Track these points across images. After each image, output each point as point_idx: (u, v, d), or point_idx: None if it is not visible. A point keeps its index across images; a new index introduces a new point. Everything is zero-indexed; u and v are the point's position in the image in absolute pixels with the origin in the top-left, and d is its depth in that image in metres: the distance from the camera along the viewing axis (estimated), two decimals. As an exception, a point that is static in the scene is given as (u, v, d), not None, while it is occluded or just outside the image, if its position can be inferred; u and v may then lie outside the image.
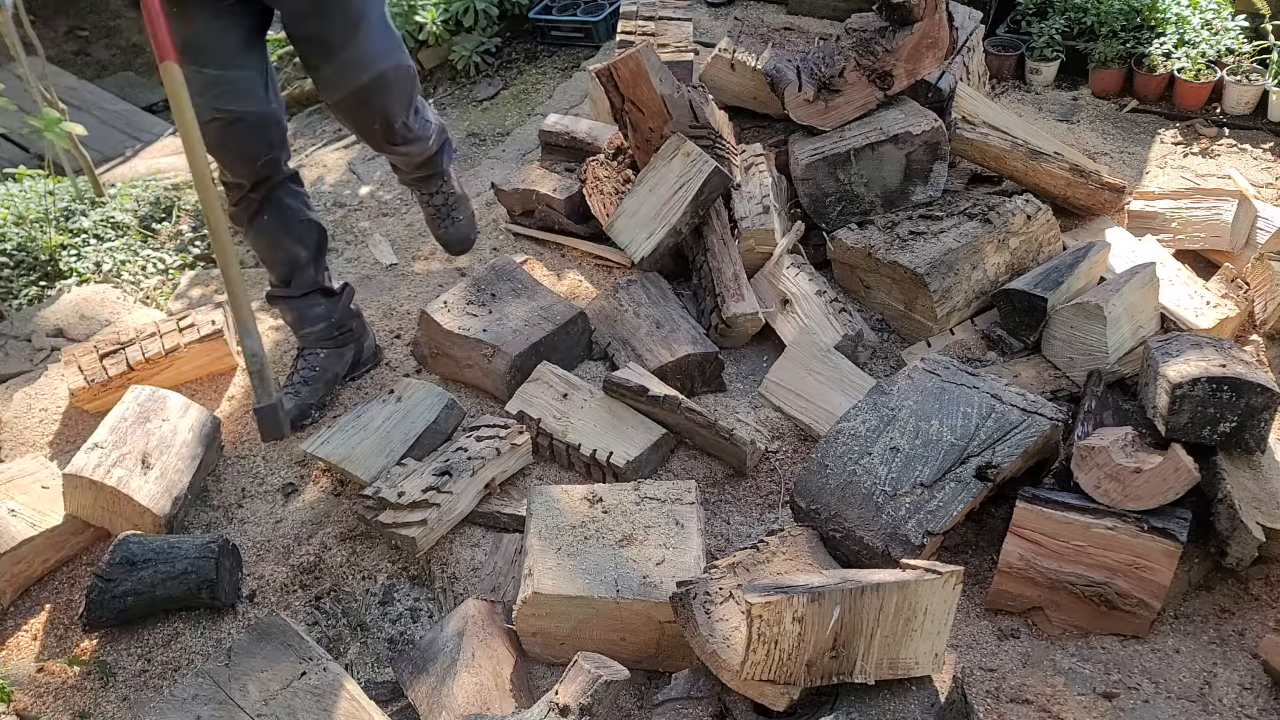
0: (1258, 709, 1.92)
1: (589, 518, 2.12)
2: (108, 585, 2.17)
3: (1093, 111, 3.67)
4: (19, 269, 3.53)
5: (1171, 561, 1.97)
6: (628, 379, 2.50)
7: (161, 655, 2.21)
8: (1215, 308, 2.65)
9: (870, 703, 1.69)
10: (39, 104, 3.61)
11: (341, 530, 2.44)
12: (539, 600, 1.98)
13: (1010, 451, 2.08)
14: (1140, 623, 2.04)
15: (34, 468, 2.55)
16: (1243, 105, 3.52)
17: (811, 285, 2.81)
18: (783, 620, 1.60)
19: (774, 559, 1.96)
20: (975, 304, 2.79)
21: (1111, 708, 1.93)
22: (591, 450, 2.43)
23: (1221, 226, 2.84)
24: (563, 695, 1.72)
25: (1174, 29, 3.62)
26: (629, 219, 2.96)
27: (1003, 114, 3.15)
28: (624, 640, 2.01)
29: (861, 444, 2.16)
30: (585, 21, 4.66)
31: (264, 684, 1.93)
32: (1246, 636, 2.05)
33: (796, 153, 3.01)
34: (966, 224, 2.80)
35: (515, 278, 2.91)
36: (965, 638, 2.09)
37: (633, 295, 2.87)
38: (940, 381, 2.24)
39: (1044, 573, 2.05)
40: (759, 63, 3.11)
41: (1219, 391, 2.07)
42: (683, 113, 2.97)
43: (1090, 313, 2.41)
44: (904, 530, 2.01)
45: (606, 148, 3.23)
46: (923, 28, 2.92)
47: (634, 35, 3.49)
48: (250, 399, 2.88)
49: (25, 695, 2.16)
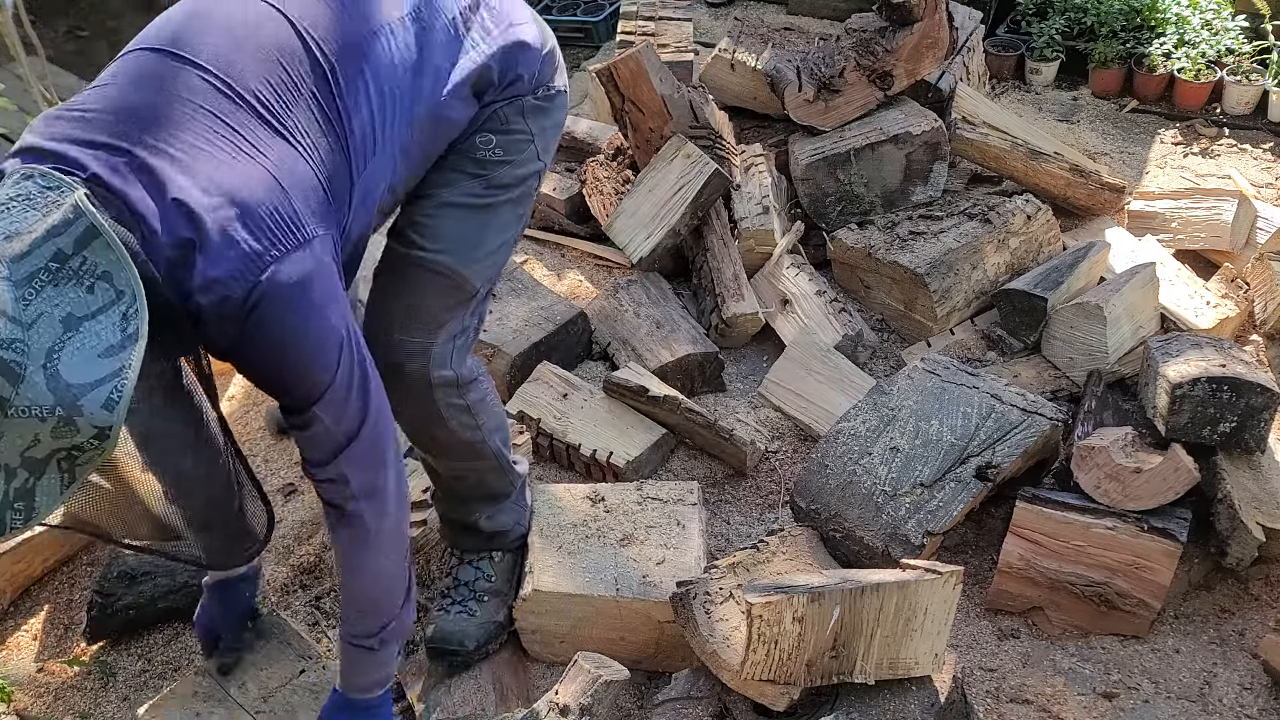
0: (1258, 709, 1.92)
1: (591, 517, 2.12)
2: (108, 601, 2.16)
3: (1093, 111, 3.67)
4: (19, 269, 3.52)
5: (1171, 561, 1.97)
6: (628, 379, 2.50)
7: (161, 655, 2.21)
8: (1215, 308, 2.65)
9: (870, 703, 1.69)
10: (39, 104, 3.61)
11: (341, 530, 2.44)
12: (539, 598, 1.98)
13: (1010, 451, 2.08)
14: (1140, 623, 2.04)
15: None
16: (1243, 105, 3.52)
17: (811, 285, 2.81)
18: (783, 620, 1.60)
19: (774, 559, 1.96)
20: (975, 304, 2.79)
21: (1111, 708, 1.93)
22: (591, 450, 2.43)
23: (1221, 226, 2.84)
24: (563, 695, 1.72)
25: (1174, 29, 3.62)
26: (628, 219, 2.96)
27: (1003, 114, 3.15)
28: (623, 639, 2.01)
29: (861, 444, 2.16)
30: (585, 21, 4.66)
31: (263, 682, 1.92)
32: (1246, 636, 2.05)
33: (796, 153, 3.01)
34: (966, 224, 2.80)
35: (515, 278, 2.91)
36: (965, 638, 2.09)
37: (633, 295, 2.87)
38: (940, 381, 2.24)
39: (1044, 573, 2.05)
40: (759, 63, 3.11)
41: (1219, 391, 2.07)
42: (683, 113, 2.97)
43: (1090, 313, 2.41)
44: (904, 530, 2.01)
45: (606, 148, 3.23)
46: (923, 28, 2.92)
47: (634, 35, 3.49)
48: (251, 398, 2.88)
49: (25, 695, 2.16)
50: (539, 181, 1.84)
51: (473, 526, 2.05)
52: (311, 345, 1.42)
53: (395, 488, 1.61)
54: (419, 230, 1.74)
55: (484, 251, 1.76)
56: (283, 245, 1.35)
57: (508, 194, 1.77)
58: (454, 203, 1.73)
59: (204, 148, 1.34)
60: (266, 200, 1.35)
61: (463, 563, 2.09)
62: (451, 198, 1.73)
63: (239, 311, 1.33)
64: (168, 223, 1.29)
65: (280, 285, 1.34)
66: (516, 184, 1.77)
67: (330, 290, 1.42)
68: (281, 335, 1.39)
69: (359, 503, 1.56)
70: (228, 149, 1.35)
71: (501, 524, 2.06)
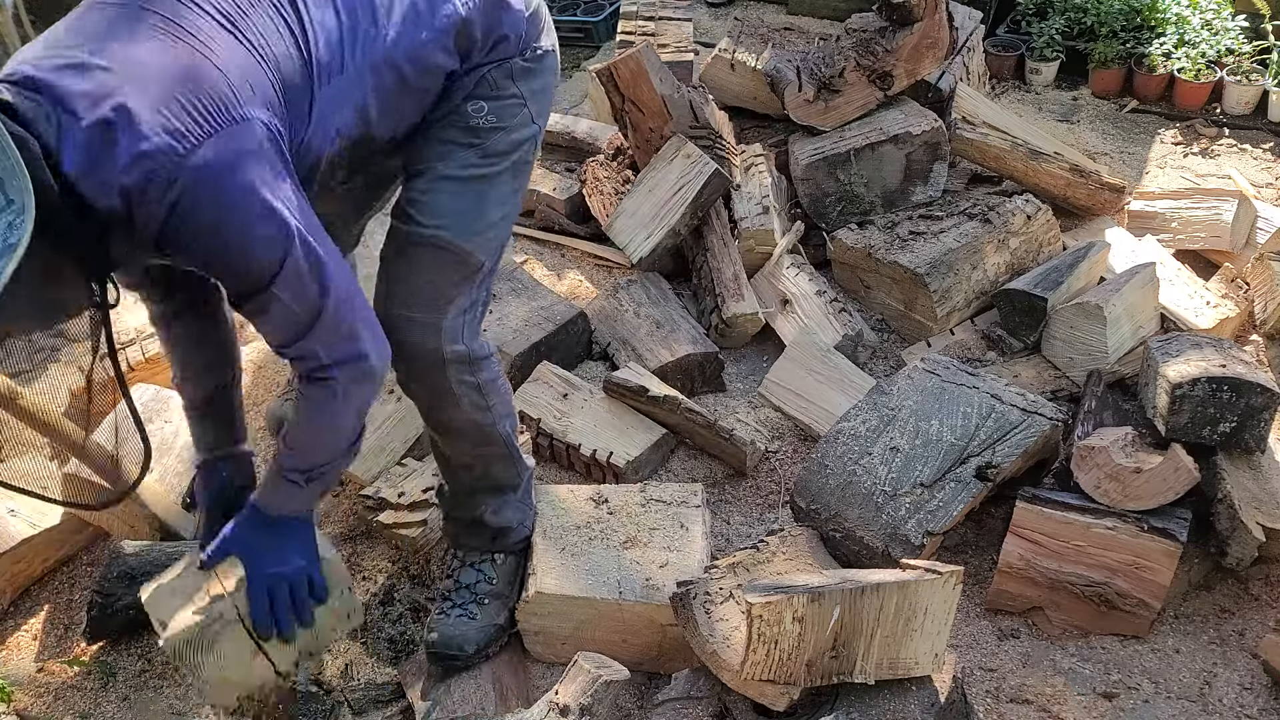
0: (1258, 709, 1.92)
1: (594, 518, 2.12)
2: (108, 601, 2.16)
3: (1093, 111, 3.67)
4: (19, 269, 3.53)
5: (1171, 561, 1.97)
6: (628, 379, 2.50)
7: (161, 655, 2.20)
8: (1215, 308, 2.65)
9: (870, 703, 1.69)
10: (39, 104, 3.61)
11: (341, 530, 2.44)
12: (541, 600, 1.98)
13: (1010, 451, 2.08)
14: (1140, 623, 2.04)
15: (33, 468, 2.54)
16: (1243, 105, 3.52)
17: (811, 285, 2.81)
18: (783, 620, 1.60)
19: (774, 559, 1.96)
20: (975, 304, 2.79)
21: (1111, 708, 1.94)
22: (591, 450, 2.43)
23: (1221, 226, 2.84)
24: (563, 695, 1.72)
25: (1174, 29, 3.62)
26: (628, 219, 2.96)
27: (1003, 114, 3.15)
28: (626, 642, 2.01)
29: (861, 444, 2.17)
30: (585, 21, 4.66)
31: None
32: (1246, 636, 2.05)
33: (796, 153, 3.01)
34: (966, 224, 2.81)
35: (515, 278, 2.91)
36: (965, 638, 2.09)
37: (633, 295, 2.87)
38: (940, 381, 2.25)
39: (1044, 573, 2.05)
40: (759, 63, 3.11)
41: (1219, 391, 2.07)
42: (683, 113, 2.97)
43: (1090, 313, 2.41)
44: (904, 530, 2.01)
45: (606, 148, 3.23)
46: (923, 28, 2.92)
47: (634, 35, 3.49)
48: (250, 398, 2.88)
49: (25, 695, 2.16)
50: (535, 148, 1.84)
51: (477, 521, 2.04)
52: (246, 225, 1.39)
53: (374, 347, 1.60)
54: (417, 206, 1.74)
55: (484, 224, 1.76)
56: (214, 123, 1.33)
57: (504, 161, 1.76)
58: (450, 175, 1.73)
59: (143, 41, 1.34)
60: (201, 82, 1.34)
61: (464, 565, 2.08)
62: (448, 170, 1.73)
63: (164, 191, 1.30)
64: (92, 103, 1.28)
65: (210, 164, 1.32)
66: (512, 150, 1.77)
67: (268, 174, 1.39)
68: (216, 215, 1.36)
69: (335, 369, 1.56)
70: (167, 40, 1.36)
71: (506, 520, 2.05)
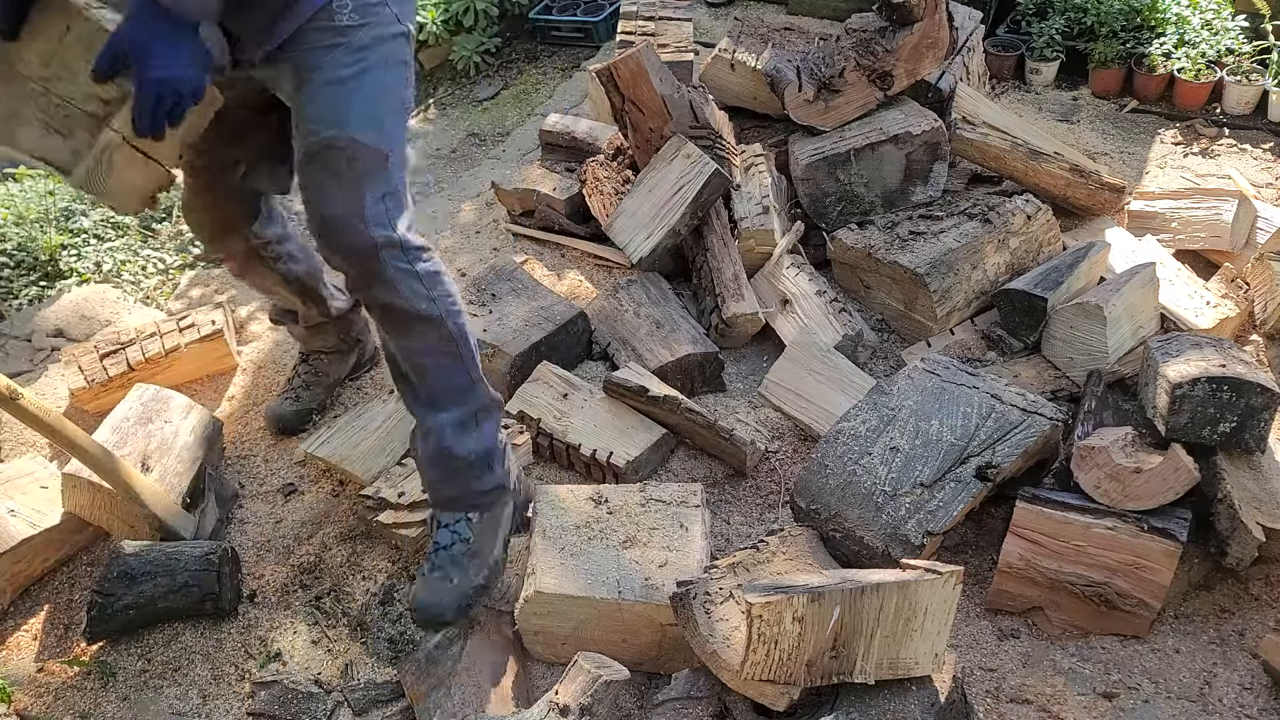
0: (1258, 709, 1.92)
1: (594, 518, 2.12)
2: (108, 600, 2.16)
3: (1093, 111, 3.67)
4: (19, 269, 3.53)
5: (1171, 561, 1.97)
6: (628, 379, 2.50)
7: (161, 655, 2.21)
8: (1215, 308, 2.65)
9: (870, 703, 1.69)
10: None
11: (341, 530, 2.44)
12: (541, 599, 1.98)
13: (1010, 451, 2.08)
14: (1140, 623, 2.04)
15: (33, 468, 2.54)
16: (1243, 105, 3.52)
17: (811, 285, 2.81)
18: (783, 620, 1.60)
19: (774, 559, 1.96)
20: (975, 304, 2.79)
21: (1111, 708, 1.94)
22: (591, 450, 2.43)
23: (1221, 226, 2.84)
24: (563, 695, 1.72)
25: (1174, 29, 3.62)
26: (628, 219, 2.96)
27: (1003, 114, 3.15)
28: (625, 642, 2.01)
29: (861, 444, 2.17)
30: (585, 21, 4.66)
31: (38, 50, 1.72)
32: (1246, 636, 2.05)
33: (796, 153, 3.01)
34: (966, 224, 2.81)
35: (515, 278, 2.91)
36: (965, 638, 2.09)
37: (633, 295, 2.87)
38: (940, 381, 2.25)
39: (1044, 573, 2.05)
40: (759, 63, 3.11)
41: (1219, 391, 2.07)
42: (683, 113, 2.97)
43: (1090, 313, 2.41)
44: (904, 530, 2.01)
45: (606, 148, 3.23)
46: (923, 28, 2.92)
47: (634, 35, 3.49)
48: (251, 398, 2.88)
49: (25, 695, 2.16)
50: (408, 45, 1.97)
51: (443, 454, 2.00)
52: None
53: None
54: (305, 118, 1.88)
55: (371, 114, 1.88)
56: None
57: (372, 54, 1.90)
58: (328, 80, 1.87)
59: None
60: None
61: (439, 525, 2.05)
62: (325, 77, 1.88)
63: None
64: None
65: None
66: (377, 44, 1.90)
67: None
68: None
69: None
70: None
71: (470, 450, 2.00)
